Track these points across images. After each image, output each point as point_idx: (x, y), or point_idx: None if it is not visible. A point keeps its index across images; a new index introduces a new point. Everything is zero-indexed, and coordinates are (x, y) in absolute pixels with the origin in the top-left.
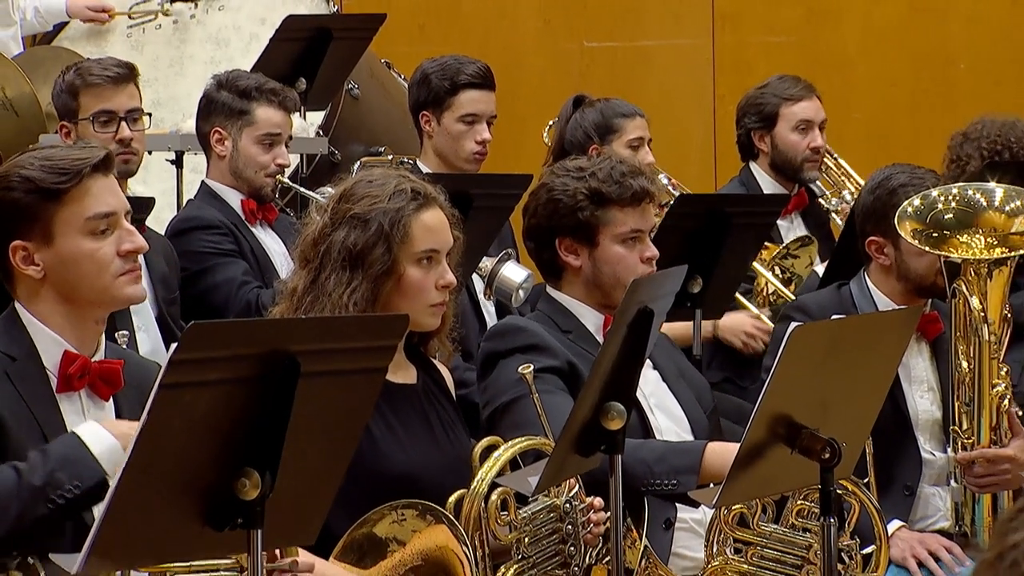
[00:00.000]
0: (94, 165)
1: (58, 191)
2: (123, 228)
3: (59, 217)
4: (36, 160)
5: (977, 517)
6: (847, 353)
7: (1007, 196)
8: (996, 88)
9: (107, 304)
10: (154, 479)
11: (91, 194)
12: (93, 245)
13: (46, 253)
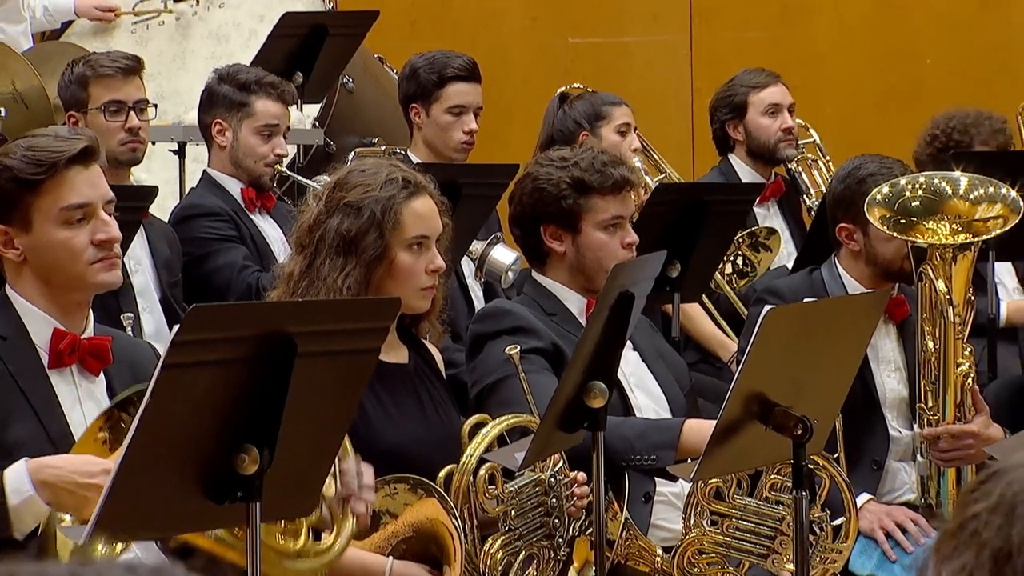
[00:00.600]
0: (71, 157)
1: (34, 181)
2: (99, 218)
3: (36, 206)
4: (20, 149)
5: (942, 490)
6: (818, 334)
7: (971, 185)
8: (961, 83)
9: (82, 289)
10: (157, 455)
11: (67, 185)
12: (67, 234)
13: (25, 239)
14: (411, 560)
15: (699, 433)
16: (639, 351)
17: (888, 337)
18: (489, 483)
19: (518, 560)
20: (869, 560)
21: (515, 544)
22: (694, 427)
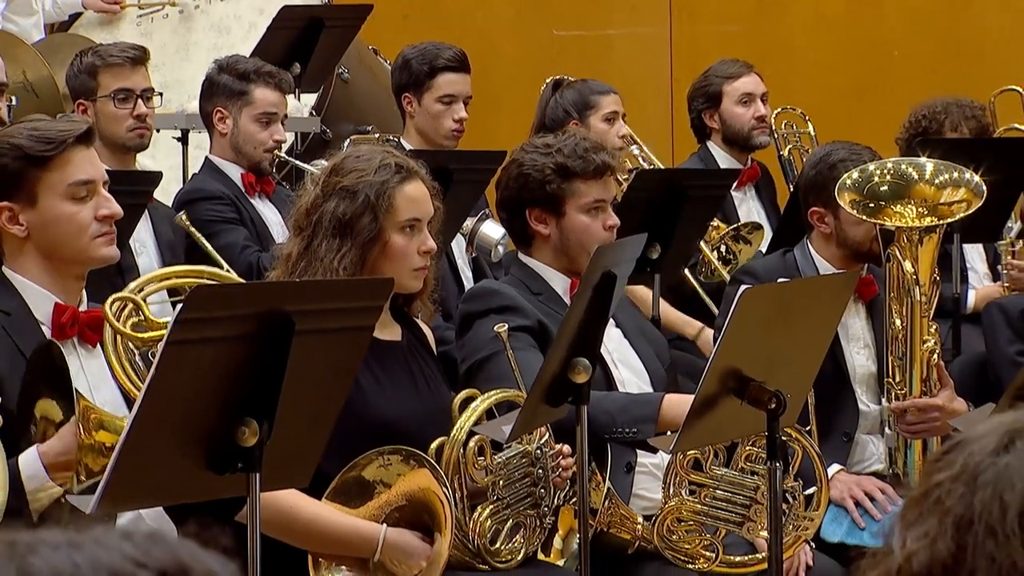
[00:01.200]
0: (77, 136)
1: (43, 158)
2: (101, 195)
3: (43, 182)
4: (24, 130)
5: (909, 461)
6: (791, 313)
7: (936, 170)
8: (927, 73)
9: (84, 263)
10: (161, 428)
11: (73, 163)
12: (73, 209)
13: (30, 214)
14: (404, 527)
15: (678, 407)
16: (621, 328)
17: (858, 316)
18: (478, 454)
19: (506, 528)
20: (839, 527)
21: (503, 513)
22: (673, 401)
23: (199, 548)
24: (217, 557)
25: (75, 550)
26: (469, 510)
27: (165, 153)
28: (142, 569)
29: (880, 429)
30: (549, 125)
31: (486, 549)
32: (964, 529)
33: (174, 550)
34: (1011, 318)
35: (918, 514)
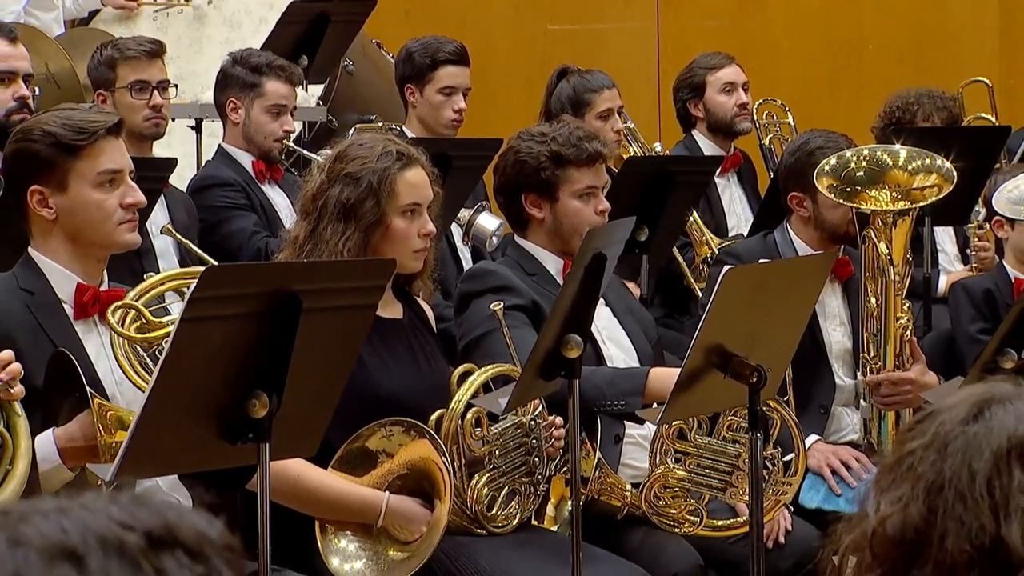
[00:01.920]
0: (108, 128)
1: (75, 146)
2: (127, 184)
3: (74, 169)
4: (58, 119)
5: (883, 431)
6: (772, 292)
7: (909, 157)
8: (899, 66)
9: (108, 247)
10: (176, 400)
11: (103, 152)
12: (101, 196)
13: (60, 199)
14: (405, 494)
15: (664, 380)
16: (611, 307)
17: (834, 295)
18: (475, 426)
19: (502, 495)
20: (817, 494)
21: (499, 481)
22: (659, 375)
23: (186, 509)
24: (204, 516)
25: (64, 516)
26: (467, 478)
27: (180, 141)
28: (129, 531)
29: (855, 401)
30: (553, 112)
31: (483, 515)
32: (935, 494)
33: (160, 511)
34: (974, 298)
35: (892, 480)
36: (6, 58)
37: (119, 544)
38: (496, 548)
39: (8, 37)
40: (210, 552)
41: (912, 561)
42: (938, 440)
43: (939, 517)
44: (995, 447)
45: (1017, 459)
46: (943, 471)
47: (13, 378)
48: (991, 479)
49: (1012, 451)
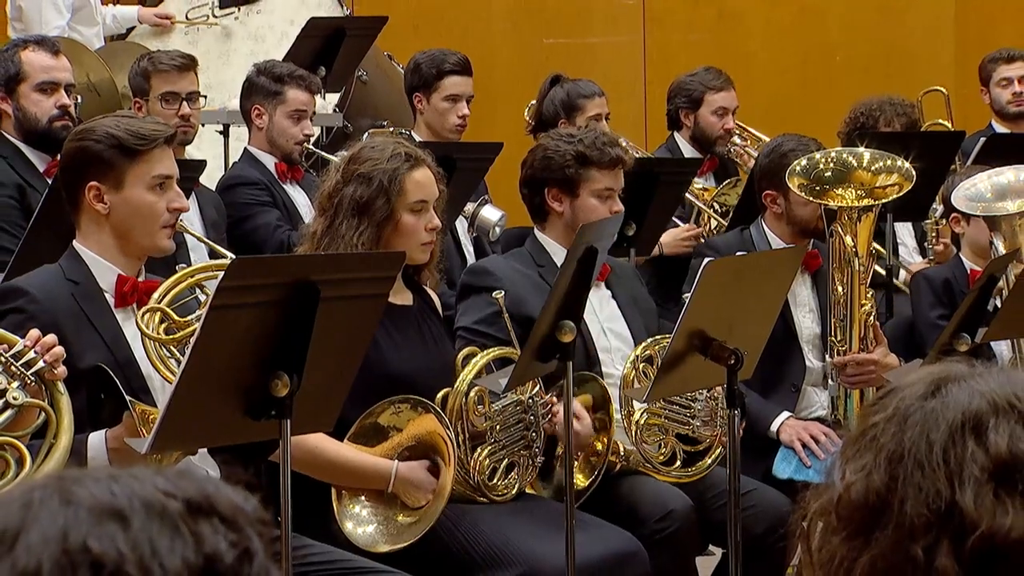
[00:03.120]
0: (166, 137)
1: (136, 150)
2: (174, 189)
3: (131, 171)
4: (120, 124)
5: (849, 408)
6: (748, 282)
7: (873, 158)
8: (864, 75)
9: (149, 248)
10: (206, 380)
11: (158, 159)
12: (152, 198)
13: (114, 196)
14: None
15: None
16: (616, 298)
17: (804, 284)
18: (478, 403)
19: (502, 466)
20: (788, 466)
21: (499, 453)
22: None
23: (224, 484)
24: (240, 492)
25: (113, 482)
26: (470, 451)
27: (209, 144)
28: (171, 498)
29: (823, 382)
30: (545, 117)
31: (484, 484)
32: (896, 463)
33: (200, 484)
34: (934, 287)
35: (856, 450)
36: (49, 70)
37: (161, 509)
38: (496, 516)
39: (52, 50)
40: (243, 522)
41: (874, 524)
42: (899, 414)
43: (899, 484)
44: (951, 420)
45: (971, 431)
46: (903, 442)
47: (56, 360)
48: (947, 449)
49: (966, 424)
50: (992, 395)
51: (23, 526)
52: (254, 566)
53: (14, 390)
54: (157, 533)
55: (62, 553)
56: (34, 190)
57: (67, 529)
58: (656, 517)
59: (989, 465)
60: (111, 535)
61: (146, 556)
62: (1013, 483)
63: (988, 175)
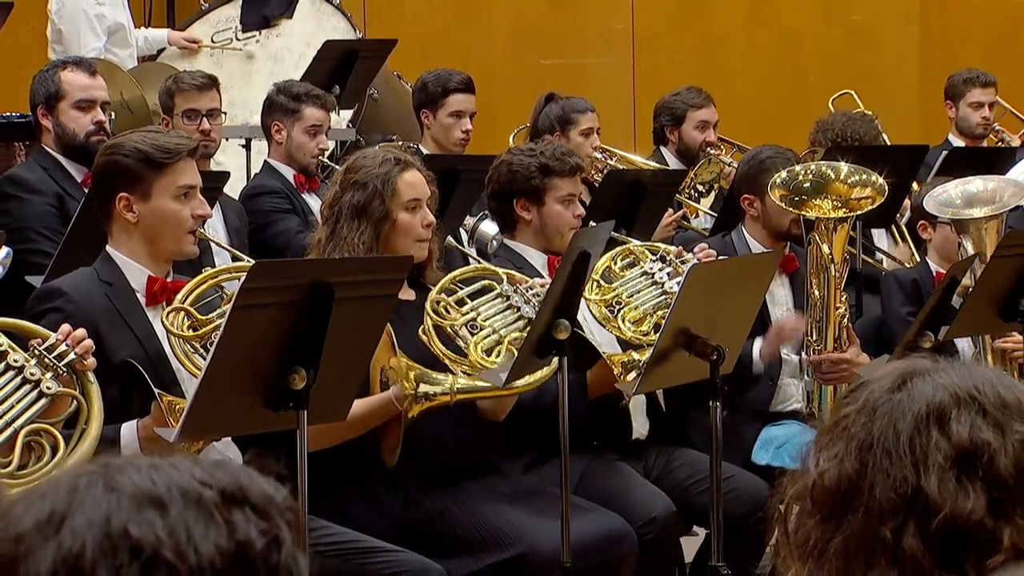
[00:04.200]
0: (189, 151)
1: (161, 163)
2: (198, 198)
3: (158, 182)
4: (147, 139)
5: (823, 402)
6: (729, 283)
7: (849, 172)
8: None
9: (174, 252)
10: (229, 374)
11: (182, 170)
12: (177, 207)
13: (142, 206)
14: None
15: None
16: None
17: (781, 285)
18: (450, 306)
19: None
20: (766, 453)
21: (493, 336)
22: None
23: (256, 474)
24: (271, 481)
25: (154, 471)
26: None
27: (232, 157)
28: (207, 488)
29: (800, 374)
30: (539, 130)
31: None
32: (865, 451)
33: (234, 474)
34: (903, 286)
35: (829, 440)
36: (87, 88)
37: (197, 497)
38: (499, 500)
39: (89, 71)
40: (274, 512)
41: (846, 507)
42: (868, 406)
43: (869, 470)
44: (916, 412)
45: (935, 422)
46: (872, 432)
47: (86, 352)
48: (913, 438)
49: (930, 415)
50: (954, 388)
51: (69, 510)
52: (283, 553)
53: (47, 380)
54: (193, 520)
55: (104, 537)
56: (72, 199)
57: (110, 515)
58: (640, 523)
59: (952, 453)
60: (150, 521)
61: (182, 542)
62: (974, 469)
63: (957, 183)
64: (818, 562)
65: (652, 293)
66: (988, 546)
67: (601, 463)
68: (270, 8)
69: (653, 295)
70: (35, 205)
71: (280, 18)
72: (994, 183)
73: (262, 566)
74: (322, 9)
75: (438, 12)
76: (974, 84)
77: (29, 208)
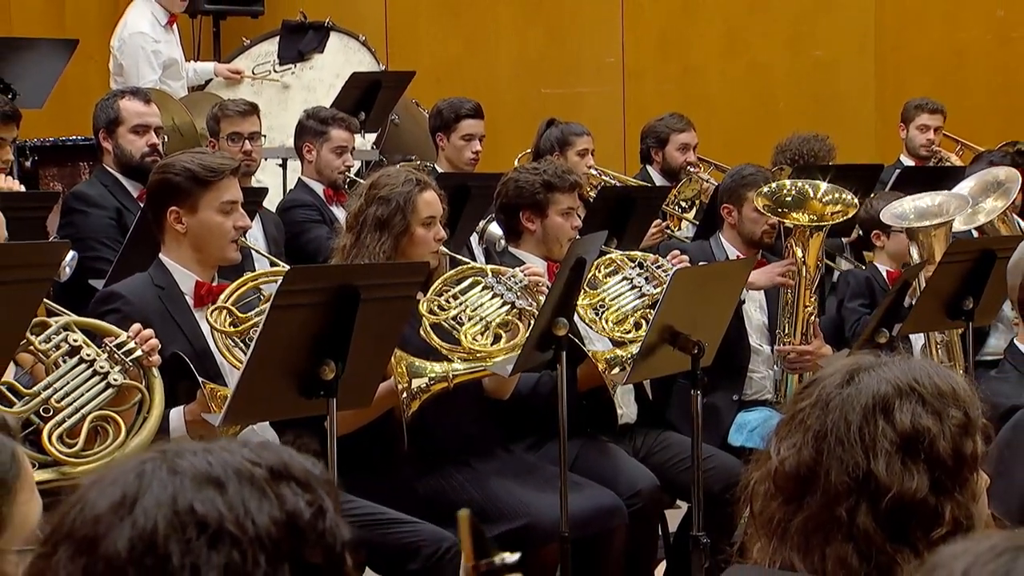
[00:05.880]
0: (232, 169)
1: (207, 181)
2: (239, 211)
3: (204, 198)
4: (194, 159)
5: (789, 389)
6: (709, 285)
7: (827, 191)
8: (802, 117)
9: (219, 260)
10: (267, 366)
11: (225, 187)
12: (221, 219)
13: (191, 219)
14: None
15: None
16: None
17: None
18: (444, 302)
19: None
20: (740, 435)
21: (480, 323)
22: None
23: (297, 453)
24: (310, 459)
25: (209, 454)
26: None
27: (270, 175)
28: (256, 467)
29: (770, 363)
30: (541, 151)
31: (475, 350)
32: (820, 440)
33: (279, 453)
34: (857, 282)
35: (788, 431)
36: (142, 115)
37: (250, 475)
38: (504, 478)
39: (144, 99)
40: (315, 484)
41: (805, 491)
42: (821, 400)
43: (824, 457)
44: (864, 403)
45: (880, 412)
46: (826, 423)
47: (152, 349)
48: (862, 427)
49: (876, 406)
50: (896, 380)
51: (139, 492)
52: (327, 520)
53: (115, 373)
54: (248, 496)
55: (173, 515)
56: (129, 212)
57: (175, 494)
58: (627, 495)
59: (896, 439)
60: (211, 499)
61: (241, 515)
62: (917, 452)
63: (911, 199)
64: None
65: (631, 297)
66: (932, 520)
67: (594, 444)
68: (304, 44)
69: (632, 298)
70: (97, 218)
71: (313, 53)
72: (941, 198)
73: (311, 533)
74: (349, 45)
75: (451, 48)
76: (923, 110)
77: (92, 220)
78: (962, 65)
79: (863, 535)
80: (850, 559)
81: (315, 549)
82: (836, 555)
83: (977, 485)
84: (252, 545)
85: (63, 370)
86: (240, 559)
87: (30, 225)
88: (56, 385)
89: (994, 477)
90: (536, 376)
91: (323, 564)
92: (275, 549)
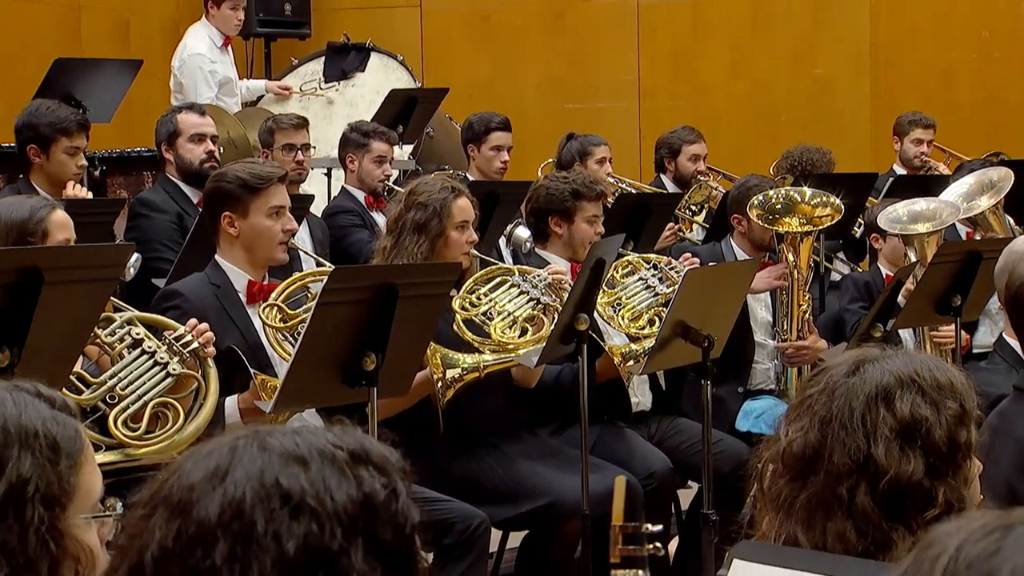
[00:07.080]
0: (280, 177)
1: (257, 188)
2: (286, 216)
3: (254, 203)
4: (245, 168)
5: (788, 380)
6: (718, 284)
7: (812, 195)
8: (803, 130)
9: (269, 260)
10: (314, 357)
11: (274, 194)
12: (270, 223)
13: (242, 223)
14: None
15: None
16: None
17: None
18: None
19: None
20: (747, 421)
21: (508, 318)
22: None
23: (373, 439)
24: (386, 446)
25: (296, 435)
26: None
27: (317, 183)
28: (338, 450)
29: (773, 357)
30: (563, 161)
31: (503, 343)
32: (826, 424)
33: (359, 438)
34: (857, 285)
35: (796, 415)
36: (198, 126)
37: (332, 456)
38: (531, 460)
39: (199, 112)
40: (391, 469)
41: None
42: (828, 387)
43: (828, 440)
44: (867, 392)
45: (882, 401)
46: (831, 409)
47: (208, 342)
48: (864, 414)
49: (879, 395)
50: (898, 372)
51: (231, 465)
52: (399, 502)
53: (174, 363)
54: (329, 475)
55: (260, 486)
56: (189, 216)
57: (263, 469)
58: (642, 476)
59: (896, 426)
60: (295, 475)
61: (321, 491)
62: (914, 439)
63: (905, 204)
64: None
65: (646, 296)
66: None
67: (612, 430)
68: (347, 63)
69: (647, 297)
70: (160, 222)
71: (355, 71)
72: (935, 204)
73: (384, 512)
74: (389, 64)
75: (482, 67)
76: (917, 124)
77: (155, 224)
78: (950, 82)
79: (862, 513)
80: (848, 534)
81: (387, 528)
82: (836, 530)
83: (970, 471)
84: (330, 519)
85: (127, 361)
86: (318, 531)
87: (98, 229)
88: (120, 375)
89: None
90: (559, 367)
91: (393, 541)
92: (351, 525)
